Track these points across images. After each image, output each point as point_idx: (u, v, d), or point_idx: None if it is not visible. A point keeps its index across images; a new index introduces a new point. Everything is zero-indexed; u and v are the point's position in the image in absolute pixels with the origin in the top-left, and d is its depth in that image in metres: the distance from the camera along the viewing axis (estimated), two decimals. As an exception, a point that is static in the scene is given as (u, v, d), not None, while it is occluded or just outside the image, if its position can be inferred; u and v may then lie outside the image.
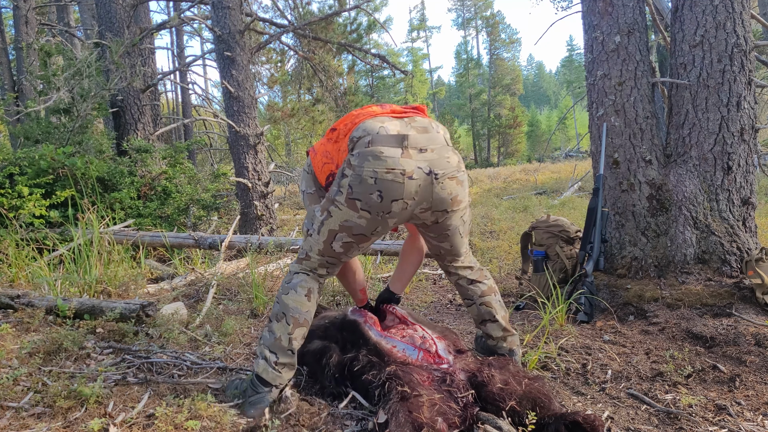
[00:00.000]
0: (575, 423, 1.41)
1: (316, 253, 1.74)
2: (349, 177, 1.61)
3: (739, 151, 2.78)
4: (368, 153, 1.58)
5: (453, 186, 1.66)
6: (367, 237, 1.70)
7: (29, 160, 4.47)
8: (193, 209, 5.44)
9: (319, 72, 8.36)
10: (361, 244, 1.72)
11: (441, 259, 1.95)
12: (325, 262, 1.76)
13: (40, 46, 5.77)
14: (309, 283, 1.75)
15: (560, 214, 6.54)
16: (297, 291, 1.73)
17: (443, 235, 1.81)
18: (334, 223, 1.67)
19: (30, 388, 1.74)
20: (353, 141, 1.64)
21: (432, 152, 1.63)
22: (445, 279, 4.02)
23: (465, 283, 1.95)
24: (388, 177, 1.57)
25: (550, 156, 27.76)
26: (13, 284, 3.14)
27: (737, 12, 2.76)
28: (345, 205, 1.63)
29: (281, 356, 1.68)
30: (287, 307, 1.71)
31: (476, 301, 1.95)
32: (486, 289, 1.96)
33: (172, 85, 14.84)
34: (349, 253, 1.75)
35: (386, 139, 1.60)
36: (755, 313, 2.43)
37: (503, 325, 1.95)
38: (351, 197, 1.61)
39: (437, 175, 1.62)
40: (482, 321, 1.97)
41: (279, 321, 1.71)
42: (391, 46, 32.15)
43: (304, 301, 1.72)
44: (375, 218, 1.63)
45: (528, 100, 58.44)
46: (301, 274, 1.77)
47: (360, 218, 1.63)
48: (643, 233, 2.87)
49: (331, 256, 1.75)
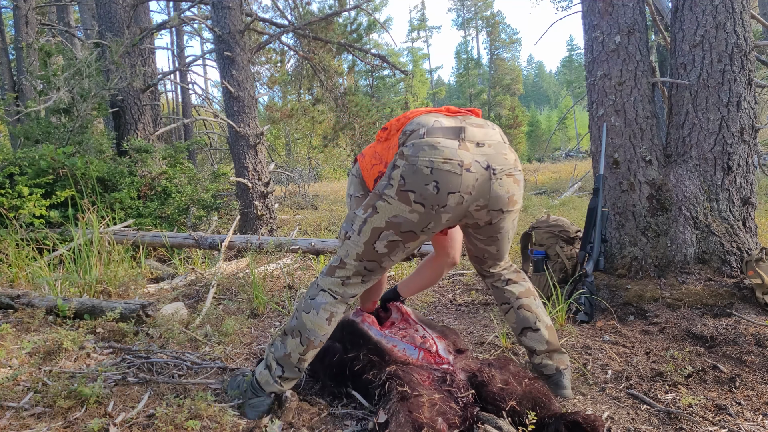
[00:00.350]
0: (575, 423, 1.41)
1: (353, 258, 1.61)
2: (401, 167, 1.49)
3: (739, 151, 2.78)
4: (424, 143, 1.48)
5: (510, 184, 1.56)
6: (417, 235, 1.55)
7: (29, 160, 4.47)
8: (193, 209, 5.44)
9: (319, 72, 8.36)
10: (407, 243, 1.57)
11: (481, 263, 1.83)
12: (363, 269, 1.62)
13: (40, 46, 5.77)
14: (333, 306, 1.63)
15: (560, 214, 6.53)
16: (319, 313, 1.62)
17: (493, 238, 1.69)
18: (381, 219, 1.54)
19: (30, 388, 1.74)
20: (406, 134, 1.56)
21: (490, 147, 1.53)
22: (445, 279, 4.01)
23: (501, 284, 1.84)
24: (446, 167, 1.46)
25: (550, 156, 27.76)
26: (13, 284, 3.14)
27: (737, 12, 2.76)
28: (396, 198, 1.50)
29: (287, 372, 1.64)
30: (305, 327, 1.62)
31: (513, 304, 1.82)
32: (524, 291, 1.83)
33: (172, 85, 14.84)
34: (393, 255, 1.60)
35: (442, 130, 1.51)
36: (755, 313, 2.43)
37: (547, 338, 1.80)
38: (403, 189, 1.49)
39: (495, 170, 1.51)
40: (522, 330, 1.82)
41: (294, 338, 1.63)
42: (391, 46, 32.19)
43: (324, 324, 1.62)
44: (429, 212, 1.50)
45: (528, 100, 58.45)
46: (327, 294, 1.64)
47: (412, 212, 1.50)
48: (643, 233, 2.87)
49: (371, 260, 1.60)
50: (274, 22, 7.51)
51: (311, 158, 21.74)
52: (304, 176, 15.12)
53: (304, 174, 15.70)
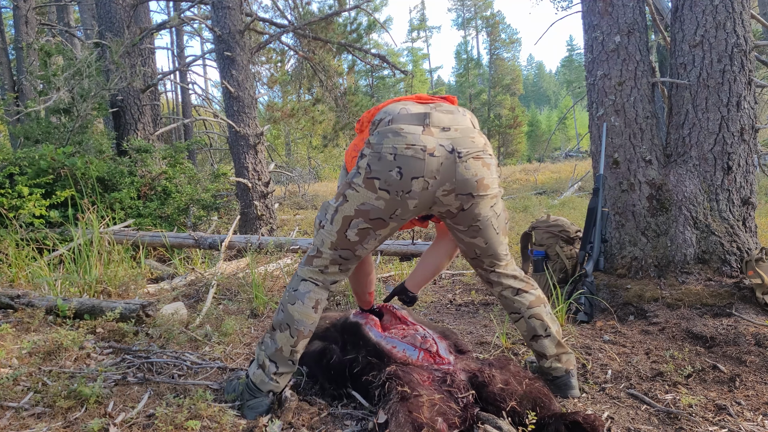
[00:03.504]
0: (575, 423, 1.41)
1: (328, 247, 1.63)
2: (367, 156, 1.53)
3: (739, 151, 2.78)
4: (388, 130, 1.52)
5: (479, 167, 1.54)
6: (386, 222, 1.58)
7: (29, 160, 4.47)
8: (193, 209, 5.44)
9: (319, 72, 8.36)
10: (378, 230, 1.59)
11: (479, 263, 1.77)
12: (339, 257, 1.64)
13: (40, 46, 5.77)
14: (317, 294, 1.65)
15: (560, 214, 6.53)
16: (304, 302, 1.63)
17: (473, 228, 1.65)
18: (350, 207, 1.56)
19: (30, 388, 1.74)
20: (375, 123, 1.60)
21: (456, 131, 1.54)
22: (445, 279, 4.01)
23: (510, 294, 1.78)
24: (408, 153, 1.48)
25: (550, 156, 27.77)
26: (13, 284, 3.14)
27: (737, 12, 2.76)
28: (363, 186, 1.53)
29: (281, 366, 1.64)
30: (292, 318, 1.63)
31: (524, 314, 1.79)
32: (534, 300, 1.79)
33: (172, 85, 14.84)
34: (365, 243, 1.62)
35: (407, 117, 1.54)
36: (755, 313, 2.43)
37: (558, 340, 1.79)
38: (369, 176, 1.52)
39: (460, 153, 1.51)
40: (533, 337, 1.80)
41: (283, 331, 1.63)
42: (391, 46, 32.18)
43: (311, 313, 1.64)
44: (394, 198, 1.52)
45: (528, 100, 58.44)
46: (309, 282, 1.66)
47: (378, 199, 1.53)
48: (643, 233, 2.87)
49: (344, 248, 1.62)
50: (274, 22, 7.51)
51: (311, 158, 21.75)
52: (304, 176, 15.13)
53: (304, 174, 15.71)
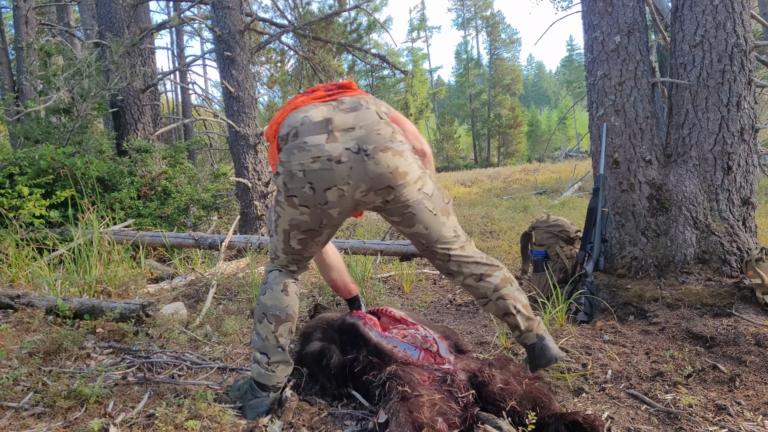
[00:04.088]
0: (575, 423, 1.41)
1: (281, 252, 1.74)
2: (282, 175, 1.57)
3: (739, 151, 2.78)
4: (293, 146, 1.55)
5: (389, 158, 1.53)
6: (318, 231, 1.65)
7: (29, 160, 4.47)
8: (193, 209, 5.44)
9: (319, 72, 8.36)
10: (315, 238, 1.68)
11: (432, 254, 1.72)
12: (292, 260, 1.75)
13: (40, 46, 5.77)
14: (283, 278, 1.74)
15: (560, 214, 6.53)
16: (273, 289, 1.72)
17: (407, 216, 1.62)
18: (284, 222, 1.65)
19: (30, 388, 1.74)
20: (282, 139, 1.61)
21: (360, 128, 1.54)
22: (445, 279, 4.01)
23: (474, 282, 1.73)
24: (315, 166, 1.51)
25: (550, 156, 27.77)
26: (13, 284, 3.14)
27: (737, 12, 2.76)
28: (286, 204, 1.60)
29: (272, 355, 1.69)
30: (266, 306, 1.71)
31: (491, 297, 1.75)
32: (499, 282, 1.74)
33: (172, 85, 14.84)
34: (309, 248, 1.72)
35: (310, 127, 1.55)
36: (755, 313, 2.43)
37: (527, 315, 1.78)
38: (288, 195, 1.57)
39: (367, 151, 1.52)
40: (504, 314, 1.78)
41: (261, 322, 1.71)
42: (391, 46, 32.18)
43: (282, 297, 1.71)
44: (315, 212, 1.58)
45: (528, 100, 58.42)
46: (274, 272, 1.76)
47: (302, 214, 1.59)
48: (643, 233, 2.87)
49: (294, 254, 1.73)
50: (274, 22, 7.51)
51: (311, 158, 21.67)
52: (304, 176, 15.06)
53: (304, 174, 15.64)
